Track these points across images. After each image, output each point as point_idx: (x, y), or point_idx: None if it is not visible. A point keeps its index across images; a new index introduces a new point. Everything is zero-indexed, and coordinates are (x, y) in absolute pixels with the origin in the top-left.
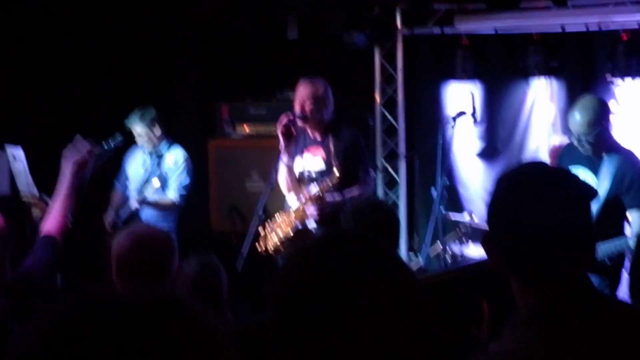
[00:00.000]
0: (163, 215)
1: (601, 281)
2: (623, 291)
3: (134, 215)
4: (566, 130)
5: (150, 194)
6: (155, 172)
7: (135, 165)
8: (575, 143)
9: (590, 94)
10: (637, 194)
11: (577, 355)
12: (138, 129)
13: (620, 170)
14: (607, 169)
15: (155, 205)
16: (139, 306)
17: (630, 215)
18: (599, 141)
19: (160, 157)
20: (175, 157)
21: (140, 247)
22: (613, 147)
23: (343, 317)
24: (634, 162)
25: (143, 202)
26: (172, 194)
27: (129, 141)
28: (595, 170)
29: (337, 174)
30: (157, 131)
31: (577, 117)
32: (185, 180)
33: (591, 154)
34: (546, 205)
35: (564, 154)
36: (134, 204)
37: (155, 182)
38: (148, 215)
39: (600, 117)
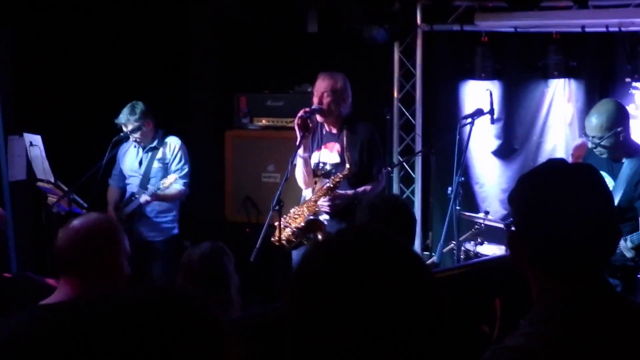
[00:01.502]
0: (167, 206)
1: (618, 284)
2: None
3: (141, 208)
4: (582, 132)
5: (165, 187)
6: (153, 164)
7: (130, 160)
8: (590, 146)
9: (609, 98)
10: None
11: (592, 353)
12: (130, 124)
13: (637, 174)
14: (625, 172)
15: (164, 197)
16: (134, 302)
17: None
18: (615, 145)
19: (155, 149)
20: (171, 147)
21: (67, 242)
22: (633, 152)
23: (359, 309)
24: None
25: (154, 195)
26: (178, 184)
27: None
28: (613, 174)
29: (348, 166)
30: (150, 124)
31: (592, 121)
32: (184, 167)
33: (607, 157)
34: (575, 200)
35: (587, 156)
36: (144, 198)
37: (171, 177)
38: (152, 206)
39: (615, 121)
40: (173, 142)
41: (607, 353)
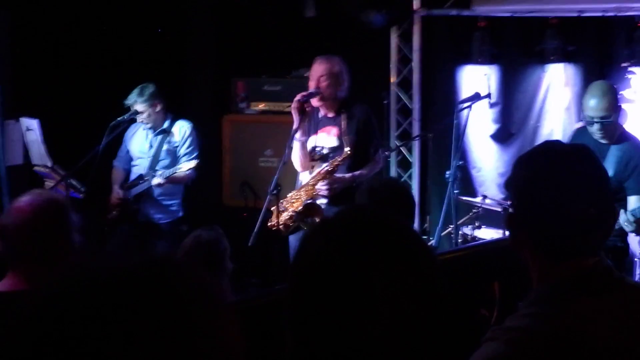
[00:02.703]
0: (173, 189)
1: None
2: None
3: (149, 190)
4: (579, 115)
5: (183, 171)
6: (162, 147)
7: (138, 142)
8: (589, 127)
9: (602, 80)
10: (638, 179)
11: (592, 333)
12: (139, 106)
13: (626, 156)
14: (614, 155)
15: (174, 180)
16: (128, 270)
17: (629, 200)
18: (611, 126)
19: (166, 132)
20: (181, 130)
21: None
22: (622, 135)
23: (360, 290)
24: (639, 150)
25: (168, 178)
26: (186, 166)
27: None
28: (602, 157)
29: (347, 150)
30: (158, 107)
31: (595, 102)
32: (195, 151)
33: (601, 139)
34: (572, 181)
35: (573, 140)
36: (157, 180)
37: (191, 163)
38: (160, 189)
39: (614, 102)
40: (184, 126)
41: (607, 333)
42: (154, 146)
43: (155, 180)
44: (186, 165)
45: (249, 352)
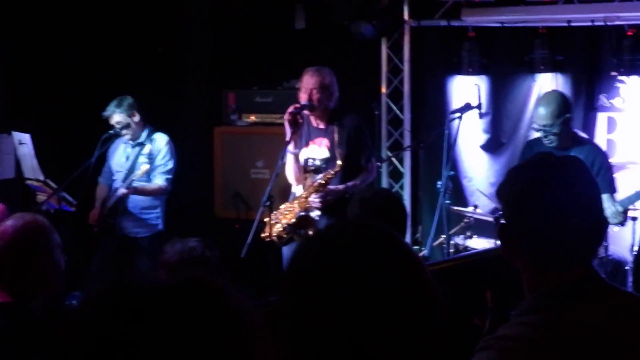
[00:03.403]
0: (151, 202)
1: None
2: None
3: (120, 203)
4: (531, 126)
5: (138, 177)
6: (138, 159)
7: (118, 156)
8: (541, 135)
9: (553, 89)
10: (604, 179)
11: (584, 342)
12: (117, 116)
13: (589, 159)
14: None
15: (143, 191)
16: (170, 289)
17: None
18: (563, 132)
19: (142, 145)
20: (157, 142)
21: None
22: (579, 139)
23: (353, 300)
24: (600, 150)
25: (130, 188)
26: (159, 179)
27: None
28: None
29: (340, 162)
30: (136, 118)
31: (542, 110)
32: (169, 163)
33: (556, 146)
34: (564, 192)
35: (526, 151)
36: (121, 191)
37: (144, 167)
38: (136, 202)
39: (563, 108)
40: (160, 139)
41: (598, 341)
42: (130, 159)
43: (120, 191)
44: (139, 172)
45: None
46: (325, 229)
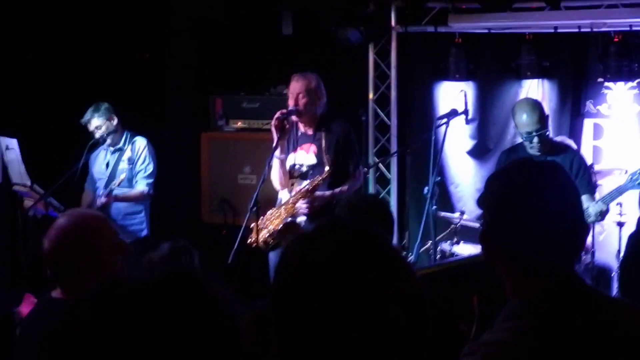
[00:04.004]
0: (134, 208)
1: None
2: None
3: (102, 210)
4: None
5: (117, 185)
6: (119, 166)
7: (99, 164)
8: (526, 142)
9: (527, 97)
10: (583, 179)
11: (569, 345)
12: (96, 121)
13: (567, 163)
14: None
15: (125, 199)
16: (159, 284)
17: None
18: (546, 138)
19: (121, 150)
20: (136, 147)
21: (50, 250)
22: (556, 145)
23: (340, 300)
24: (577, 152)
25: (110, 196)
26: (140, 185)
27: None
28: None
29: (327, 168)
30: (114, 122)
31: (526, 117)
32: (149, 167)
33: (537, 152)
34: (544, 198)
35: (501, 160)
36: (100, 200)
37: (122, 175)
38: (119, 208)
39: (543, 115)
40: (138, 142)
41: (582, 346)
42: (110, 165)
43: (99, 200)
44: (117, 180)
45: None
46: (312, 230)
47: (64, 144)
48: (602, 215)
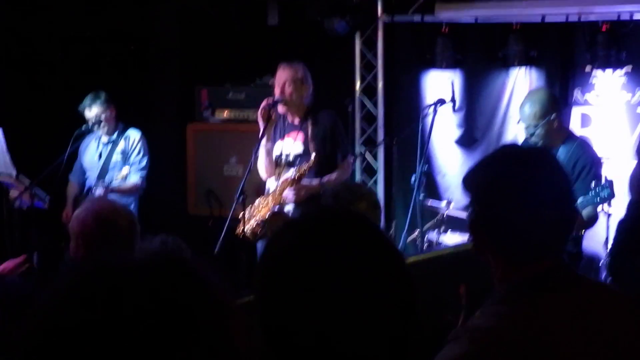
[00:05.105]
0: (124, 200)
1: None
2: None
3: None
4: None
5: (118, 182)
6: (112, 157)
7: (90, 154)
8: (526, 134)
9: (540, 88)
10: (584, 182)
11: (556, 330)
12: (95, 109)
13: (573, 158)
14: (561, 158)
15: (119, 191)
16: (146, 264)
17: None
18: (549, 132)
19: (115, 142)
20: (130, 139)
21: (105, 225)
22: (569, 136)
23: (329, 286)
24: (585, 150)
25: (109, 188)
26: (134, 177)
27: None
28: None
29: (313, 156)
30: (112, 112)
31: (526, 110)
32: (143, 160)
33: (541, 144)
34: (533, 184)
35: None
36: (98, 191)
37: (125, 170)
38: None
39: (547, 109)
40: (133, 135)
41: (568, 331)
42: (103, 156)
43: (97, 192)
44: (120, 174)
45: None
46: (300, 216)
47: (49, 133)
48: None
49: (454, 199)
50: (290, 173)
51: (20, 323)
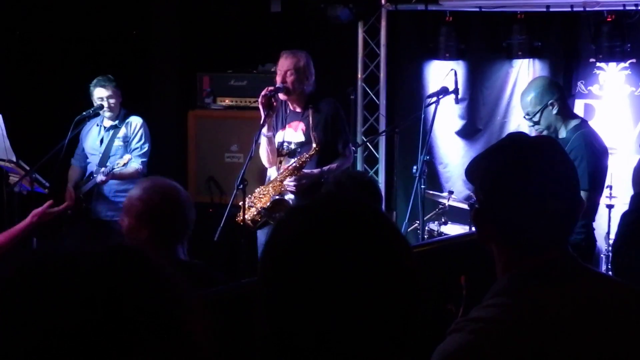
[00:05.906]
0: (125, 185)
1: None
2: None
3: (95, 187)
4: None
5: (119, 168)
6: (114, 143)
7: (92, 139)
8: (527, 122)
9: (540, 75)
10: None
11: (559, 321)
12: (106, 90)
13: (569, 147)
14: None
15: (120, 176)
16: (98, 255)
17: None
18: (548, 119)
19: (117, 128)
20: (132, 125)
21: (171, 201)
22: (573, 124)
23: (335, 274)
24: (583, 140)
25: (110, 175)
26: (135, 163)
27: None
28: None
29: (315, 145)
30: (119, 99)
31: (523, 99)
32: (144, 146)
33: (544, 132)
34: (539, 174)
35: None
36: (100, 177)
37: (126, 157)
38: (110, 185)
39: (543, 95)
40: (135, 121)
41: (571, 322)
42: (104, 142)
43: (99, 177)
44: (122, 160)
45: (217, 345)
46: (305, 204)
47: (49, 119)
48: None
49: (455, 189)
50: (291, 162)
51: None
